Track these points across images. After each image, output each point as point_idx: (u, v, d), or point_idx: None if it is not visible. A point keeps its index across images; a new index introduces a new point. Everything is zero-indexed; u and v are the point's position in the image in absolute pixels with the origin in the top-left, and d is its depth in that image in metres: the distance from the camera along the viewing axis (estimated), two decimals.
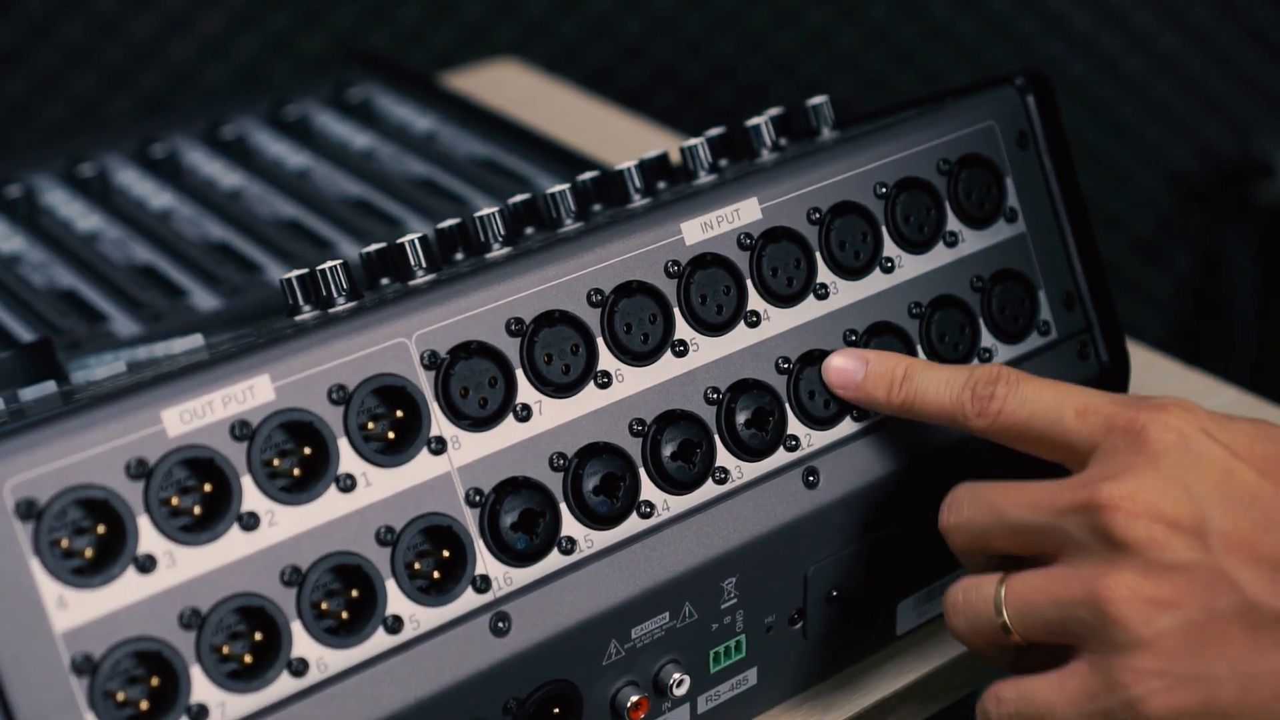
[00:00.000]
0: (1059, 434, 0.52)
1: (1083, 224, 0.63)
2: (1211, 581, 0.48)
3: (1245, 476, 0.49)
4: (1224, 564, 0.48)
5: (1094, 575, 0.49)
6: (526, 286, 0.53)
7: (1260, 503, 0.48)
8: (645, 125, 1.04)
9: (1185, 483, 0.49)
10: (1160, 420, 0.50)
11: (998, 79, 0.62)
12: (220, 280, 0.75)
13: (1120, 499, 0.49)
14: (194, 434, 0.47)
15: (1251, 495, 0.48)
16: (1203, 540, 0.48)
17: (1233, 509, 0.48)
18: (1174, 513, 0.48)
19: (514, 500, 0.52)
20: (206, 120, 0.90)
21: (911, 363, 0.56)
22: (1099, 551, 0.49)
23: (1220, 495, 0.48)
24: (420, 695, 0.50)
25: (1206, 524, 0.48)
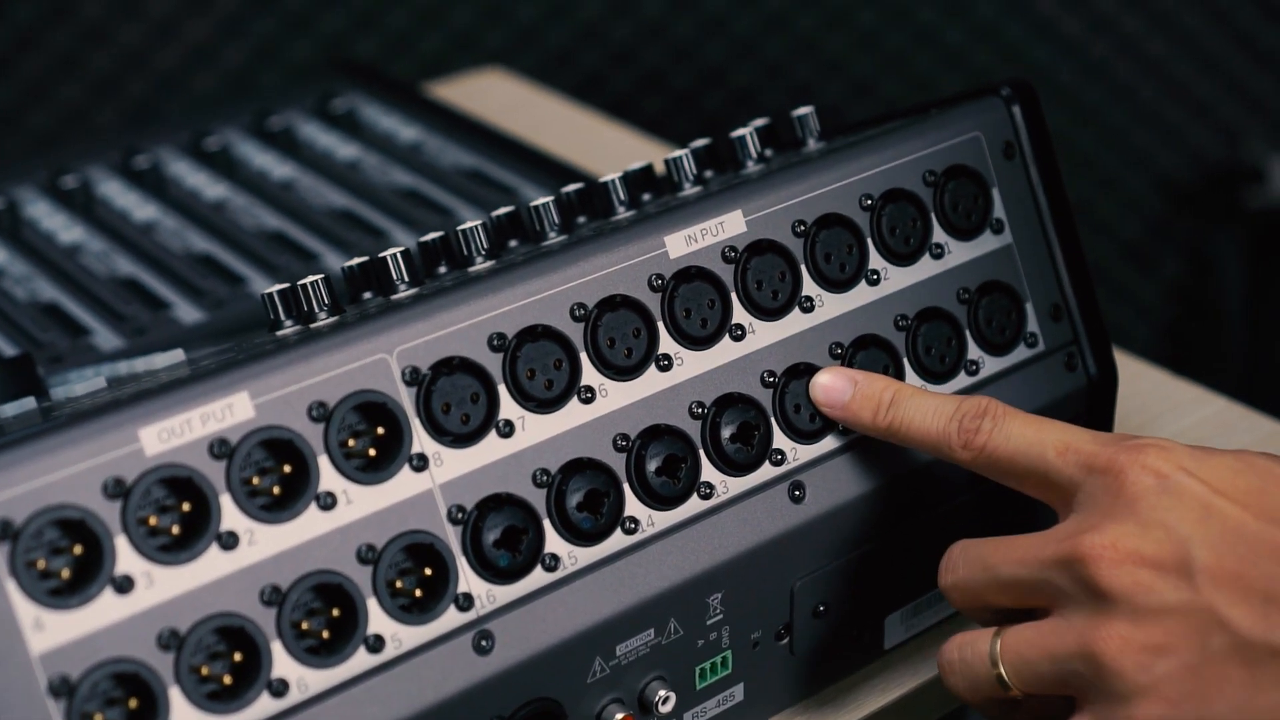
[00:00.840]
0: (1040, 471, 0.52)
1: (1069, 235, 0.63)
2: (1202, 621, 0.47)
3: (1227, 511, 0.48)
4: (1213, 602, 0.47)
5: (1086, 627, 0.49)
6: (509, 301, 0.52)
7: (1244, 537, 0.48)
8: (632, 134, 1.04)
9: (1166, 523, 0.48)
10: (1138, 461, 0.50)
11: (983, 89, 0.62)
12: (204, 293, 0.74)
13: (1102, 549, 0.49)
14: (172, 453, 0.46)
15: (1234, 530, 0.48)
16: (1189, 580, 0.48)
17: (1216, 545, 0.48)
18: (1156, 555, 0.48)
19: (497, 517, 0.51)
20: (191, 131, 0.89)
21: (900, 388, 0.56)
22: (1088, 602, 0.49)
23: (1202, 533, 0.48)
24: (403, 715, 0.49)
25: (1191, 563, 0.48)
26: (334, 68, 0.98)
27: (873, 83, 1.65)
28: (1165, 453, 0.50)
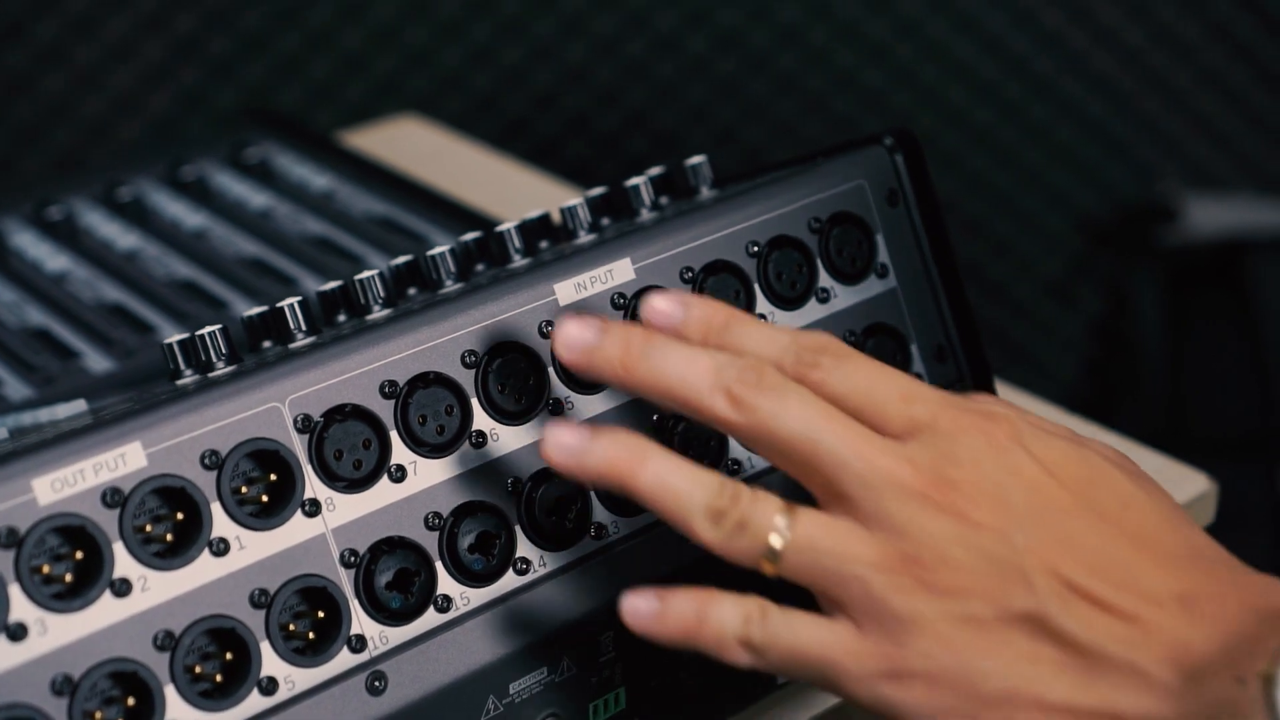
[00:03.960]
0: (876, 413, 0.50)
1: (953, 278, 0.65)
2: (1011, 580, 0.48)
3: (1055, 493, 0.49)
4: (1025, 565, 0.48)
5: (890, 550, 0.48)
6: (400, 349, 0.54)
7: (1067, 521, 0.49)
8: (548, 180, 1.05)
9: (998, 488, 0.49)
10: (986, 426, 0.50)
11: (867, 139, 0.64)
12: (114, 342, 0.75)
13: (934, 487, 0.49)
14: (64, 502, 0.48)
15: (1059, 512, 0.49)
16: (1007, 540, 0.48)
17: (1040, 521, 0.49)
18: (981, 515, 0.48)
19: (389, 560, 0.53)
20: (105, 181, 0.90)
21: (733, 312, 0.52)
22: (901, 530, 0.49)
23: (1029, 505, 0.49)
24: None
25: (1011, 528, 0.48)
26: (249, 117, 0.99)
27: (795, 124, 1.68)
28: (1013, 424, 0.50)
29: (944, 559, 0.48)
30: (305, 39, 1.50)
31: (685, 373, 0.50)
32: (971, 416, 0.50)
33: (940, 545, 0.48)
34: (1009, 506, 0.49)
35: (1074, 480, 0.50)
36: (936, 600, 0.48)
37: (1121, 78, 1.76)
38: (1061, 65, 1.74)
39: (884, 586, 0.49)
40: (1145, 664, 0.47)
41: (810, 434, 0.49)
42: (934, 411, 0.50)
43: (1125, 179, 1.80)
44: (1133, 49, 1.76)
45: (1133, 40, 1.75)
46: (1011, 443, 0.50)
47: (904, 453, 0.50)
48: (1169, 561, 0.49)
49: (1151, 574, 0.48)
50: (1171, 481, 0.74)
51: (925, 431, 0.50)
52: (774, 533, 0.49)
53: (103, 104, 1.46)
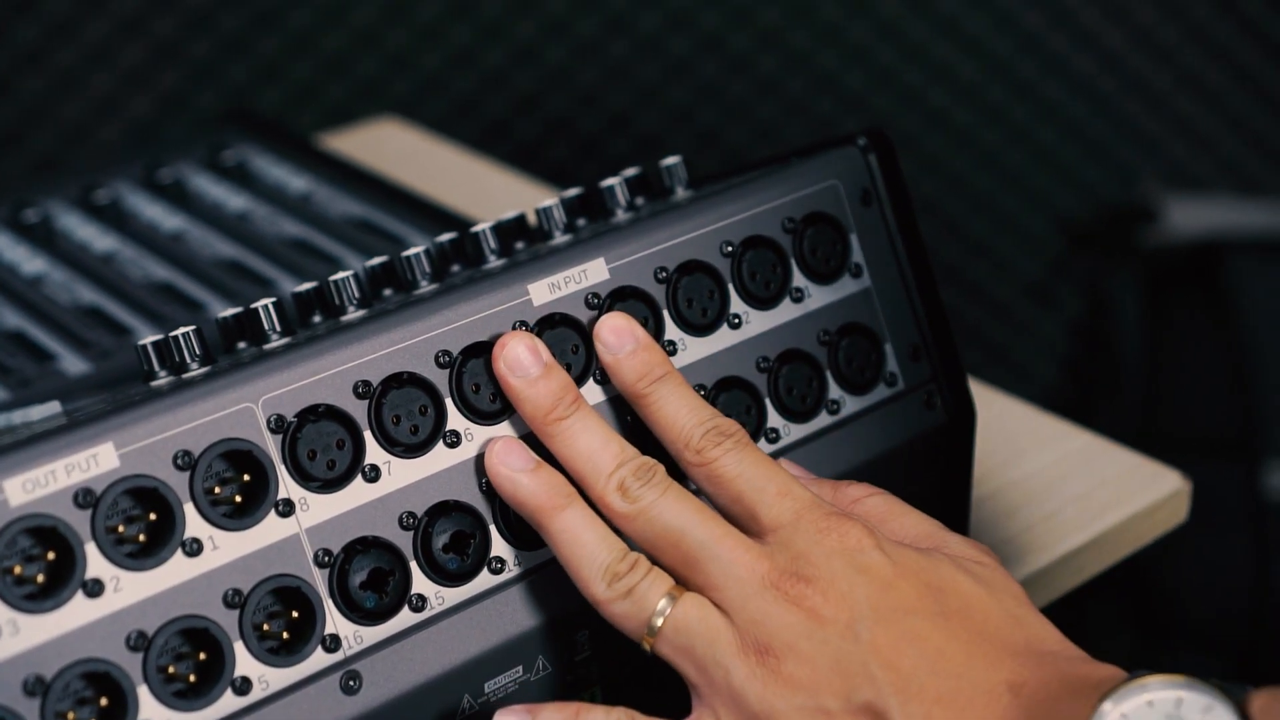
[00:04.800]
0: (752, 501, 0.54)
1: (926, 277, 0.65)
2: (855, 673, 0.50)
3: (904, 593, 0.52)
4: (869, 662, 0.50)
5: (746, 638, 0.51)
6: (374, 349, 0.54)
7: (910, 619, 0.51)
8: (528, 183, 1.06)
9: (848, 586, 0.52)
10: (842, 528, 0.53)
11: (841, 139, 0.64)
12: (90, 345, 0.75)
13: (789, 586, 0.52)
14: (36, 503, 0.48)
15: (904, 611, 0.51)
16: (854, 636, 0.51)
17: (886, 618, 0.51)
18: (831, 610, 0.51)
19: (363, 560, 0.53)
20: (81, 184, 0.90)
21: (675, 375, 0.57)
22: (758, 620, 0.51)
23: (877, 602, 0.51)
24: None
25: (859, 622, 0.51)
26: (228, 119, 0.99)
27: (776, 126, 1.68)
28: (867, 530, 0.53)
29: (793, 651, 0.51)
30: (286, 42, 1.50)
31: (593, 453, 0.54)
32: (832, 519, 0.53)
33: (790, 638, 0.51)
34: (855, 603, 0.51)
35: (920, 583, 0.52)
36: (790, 693, 0.51)
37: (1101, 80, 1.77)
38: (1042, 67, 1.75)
39: (744, 677, 0.51)
40: None
41: (681, 525, 0.53)
42: (800, 510, 0.54)
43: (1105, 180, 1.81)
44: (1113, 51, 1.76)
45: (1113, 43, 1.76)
46: (866, 545, 0.53)
47: (764, 550, 0.53)
48: (1004, 655, 0.51)
49: (986, 667, 0.51)
50: (1144, 480, 0.74)
51: (788, 529, 0.53)
52: (657, 608, 0.53)
53: (83, 107, 1.45)
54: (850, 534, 0.53)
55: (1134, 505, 0.73)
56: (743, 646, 0.51)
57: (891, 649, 0.51)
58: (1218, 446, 1.61)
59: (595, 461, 0.54)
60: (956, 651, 0.51)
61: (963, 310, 1.79)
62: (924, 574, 0.53)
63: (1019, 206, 1.80)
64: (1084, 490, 0.73)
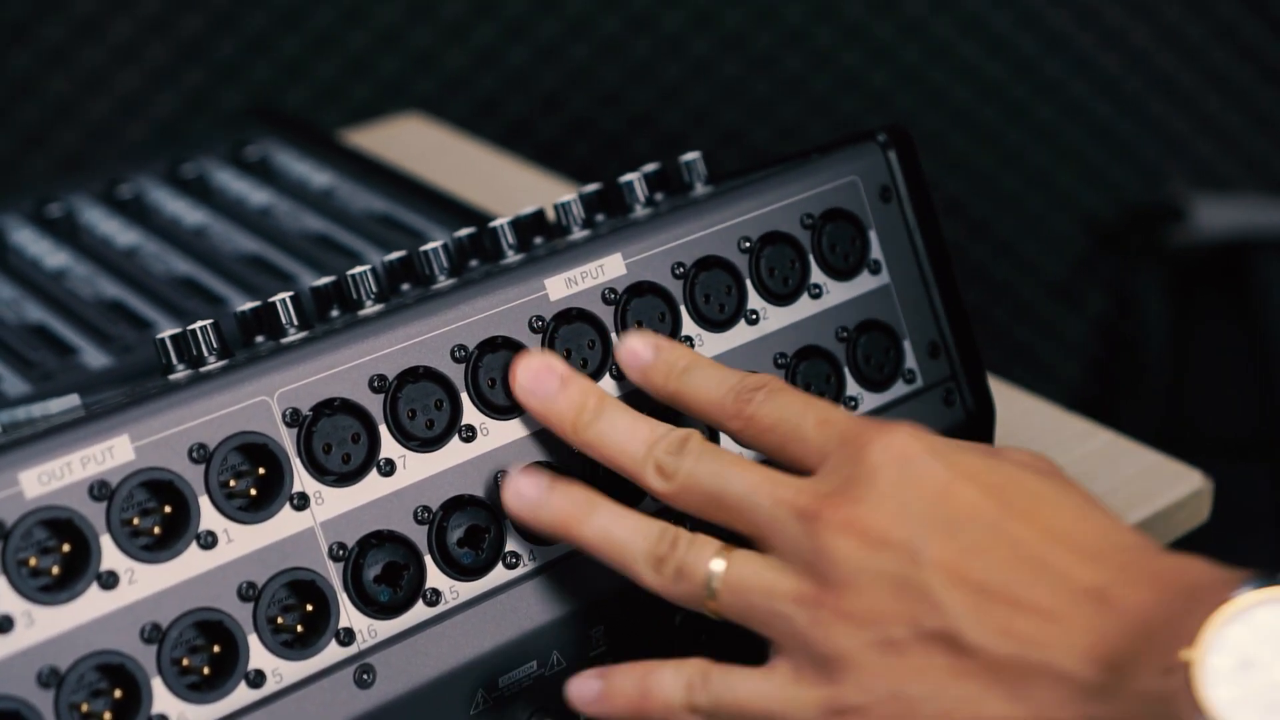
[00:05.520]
0: (797, 440, 0.52)
1: (946, 274, 0.65)
2: (918, 600, 0.48)
3: (966, 495, 0.49)
4: (932, 584, 0.48)
5: (804, 582, 0.49)
6: (390, 344, 0.54)
7: (977, 523, 0.48)
8: (550, 179, 1.06)
9: (902, 499, 0.49)
10: (884, 439, 0.50)
11: (860, 135, 0.64)
12: (111, 339, 0.76)
13: (833, 510, 0.49)
14: (52, 495, 0.48)
15: (969, 515, 0.49)
16: (913, 558, 0.48)
17: (946, 528, 0.48)
18: (884, 528, 0.49)
19: (377, 554, 0.53)
20: (105, 179, 0.90)
21: (696, 358, 0.56)
22: (812, 560, 0.49)
23: (935, 513, 0.49)
24: None
25: (916, 541, 0.48)
26: (253, 116, 0.99)
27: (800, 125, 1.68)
28: (914, 434, 0.50)
29: (851, 584, 0.49)
30: (311, 41, 1.50)
31: (625, 444, 0.54)
32: (875, 429, 0.51)
33: (846, 571, 0.49)
34: (911, 517, 0.49)
35: (980, 485, 0.49)
36: (855, 630, 0.49)
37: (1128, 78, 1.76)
38: (1068, 66, 1.74)
39: (807, 622, 0.49)
40: (1066, 664, 0.47)
41: (719, 484, 0.52)
42: (843, 432, 0.51)
43: (1131, 180, 1.80)
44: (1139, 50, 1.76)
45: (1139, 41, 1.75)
46: (920, 453, 0.50)
47: (808, 484, 0.51)
48: (1082, 555, 0.48)
49: (1064, 569, 0.48)
50: (1166, 480, 0.74)
51: (835, 455, 0.51)
52: (710, 575, 0.51)
53: (108, 106, 1.46)
54: (895, 441, 0.50)
55: (1155, 504, 0.72)
56: (799, 591, 0.49)
57: (956, 563, 0.48)
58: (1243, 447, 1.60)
59: (629, 451, 0.53)
60: (1030, 555, 0.48)
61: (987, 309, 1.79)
62: (983, 475, 0.50)
63: (1044, 206, 1.79)
64: (1105, 489, 0.73)
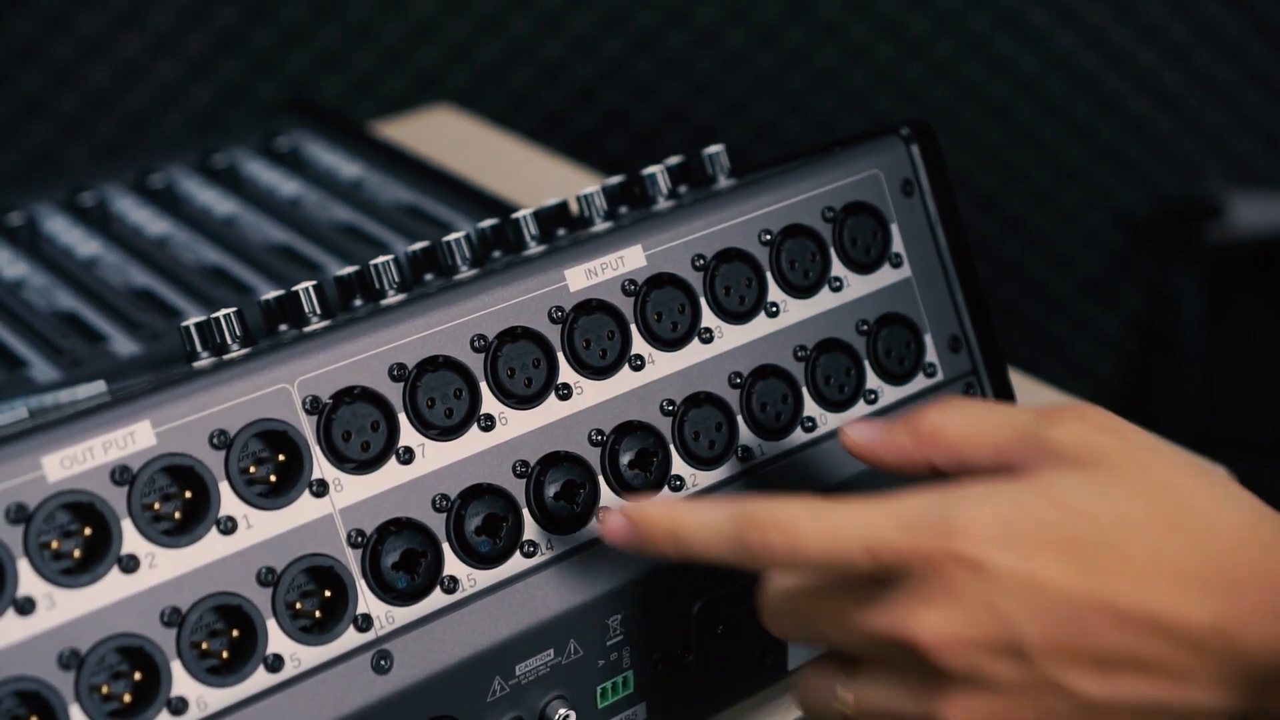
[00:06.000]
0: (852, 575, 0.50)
1: (968, 268, 0.65)
2: (1043, 691, 0.48)
3: (1045, 577, 0.48)
4: (1050, 673, 0.48)
5: (930, 697, 0.49)
6: (410, 332, 0.54)
7: (1068, 601, 0.48)
8: (581, 172, 1.06)
9: (991, 606, 0.48)
10: (952, 552, 0.48)
11: (883, 129, 0.64)
12: (140, 326, 0.76)
13: (933, 637, 0.48)
14: (74, 479, 0.48)
15: (1055, 598, 0.48)
16: (1023, 657, 0.48)
17: (1043, 617, 0.48)
18: (988, 639, 0.48)
19: (396, 541, 0.53)
20: (137, 168, 0.91)
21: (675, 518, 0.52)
22: (929, 676, 0.49)
23: (1027, 606, 0.48)
24: None
25: (1020, 641, 0.48)
26: (286, 107, 1.00)
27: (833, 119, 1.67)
28: (969, 532, 0.48)
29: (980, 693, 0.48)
30: (346, 32, 1.51)
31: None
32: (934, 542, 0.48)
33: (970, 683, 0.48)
34: (1006, 623, 0.48)
35: (1058, 546, 0.48)
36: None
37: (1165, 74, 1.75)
38: (1104, 61, 1.73)
39: None
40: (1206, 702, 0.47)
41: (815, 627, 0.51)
42: (899, 556, 0.49)
43: (1168, 176, 1.79)
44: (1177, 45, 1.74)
45: (1177, 36, 1.74)
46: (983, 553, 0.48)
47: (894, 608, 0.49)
48: (1184, 589, 0.47)
49: (1172, 614, 0.47)
50: None
51: (901, 575, 0.49)
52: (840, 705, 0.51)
53: (146, 96, 1.47)
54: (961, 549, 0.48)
55: None
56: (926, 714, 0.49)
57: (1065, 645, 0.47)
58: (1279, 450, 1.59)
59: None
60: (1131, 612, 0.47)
61: (1022, 306, 1.78)
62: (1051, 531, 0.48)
63: (1080, 201, 1.78)
64: None
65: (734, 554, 0.51)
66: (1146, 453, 0.50)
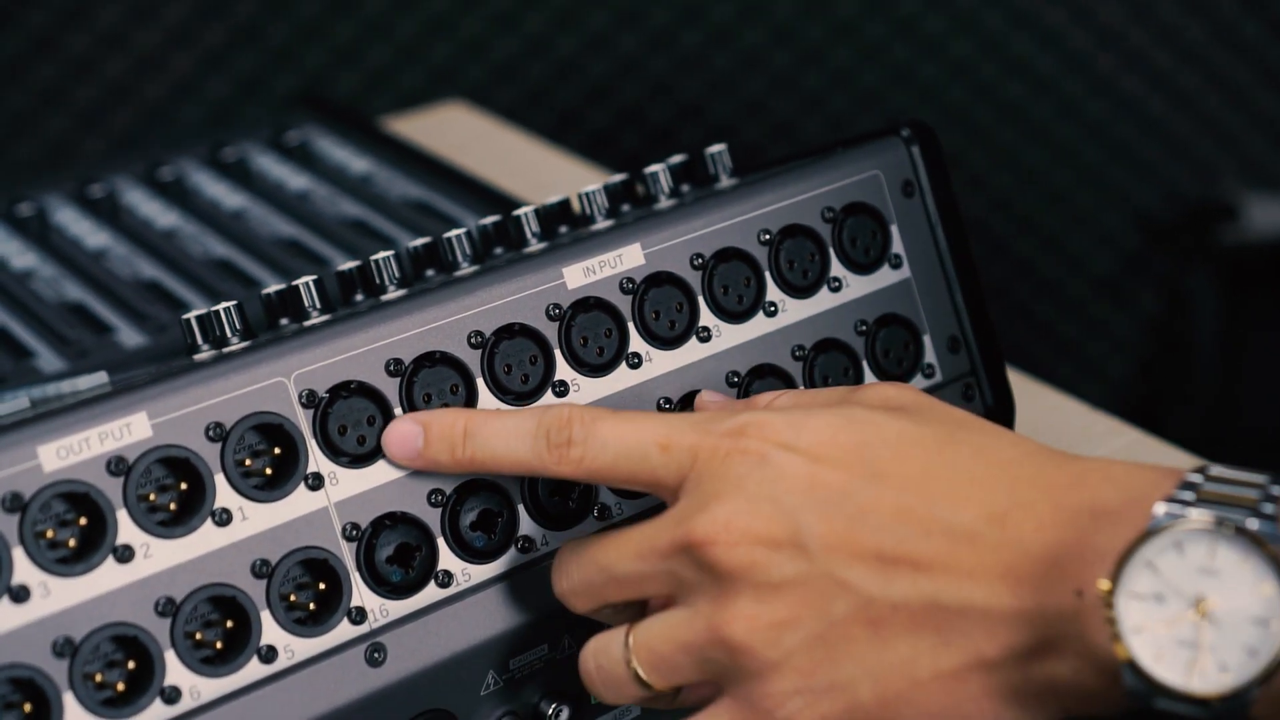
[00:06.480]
0: (646, 472, 0.52)
1: (968, 269, 0.65)
2: (823, 588, 0.48)
3: (829, 477, 0.49)
4: (830, 567, 0.48)
5: (712, 612, 0.49)
6: (408, 328, 0.55)
7: (849, 499, 0.49)
8: (591, 169, 1.06)
9: (773, 497, 0.49)
10: (739, 445, 0.50)
11: (884, 129, 0.64)
12: (147, 318, 0.77)
13: (714, 531, 0.49)
14: (70, 469, 0.49)
15: (839, 495, 0.49)
16: (803, 550, 0.48)
17: (824, 512, 0.49)
18: (768, 531, 0.49)
19: (391, 535, 0.53)
20: (147, 161, 0.92)
21: (471, 416, 0.53)
22: (710, 587, 0.49)
23: (809, 501, 0.49)
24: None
25: (802, 533, 0.48)
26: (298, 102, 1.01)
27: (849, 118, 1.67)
28: (762, 431, 0.50)
29: (757, 598, 0.49)
30: (362, 27, 1.51)
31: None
32: (725, 440, 0.50)
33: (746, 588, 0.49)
34: (788, 515, 0.49)
35: (842, 453, 0.49)
36: (775, 639, 0.48)
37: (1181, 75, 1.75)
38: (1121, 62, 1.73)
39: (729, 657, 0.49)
40: (982, 600, 0.47)
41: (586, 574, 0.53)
42: (694, 451, 0.51)
43: (1184, 177, 1.79)
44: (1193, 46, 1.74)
45: (1193, 37, 1.74)
46: (768, 448, 0.50)
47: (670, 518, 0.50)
48: (963, 488, 0.48)
49: (950, 508, 0.48)
50: None
51: (691, 477, 0.50)
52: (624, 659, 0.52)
53: (163, 89, 1.48)
54: (749, 446, 0.50)
55: None
56: (710, 634, 0.49)
57: (844, 540, 0.48)
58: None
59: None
60: (913, 504, 0.48)
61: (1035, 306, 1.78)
62: (839, 438, 0.50)
63: (1095, 202, 1.78)
64: None
65: (531, 449, 0.52)
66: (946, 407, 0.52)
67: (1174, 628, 0.45)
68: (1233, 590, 0.45)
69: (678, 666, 0.51)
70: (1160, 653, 0.44)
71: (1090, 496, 0.47)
